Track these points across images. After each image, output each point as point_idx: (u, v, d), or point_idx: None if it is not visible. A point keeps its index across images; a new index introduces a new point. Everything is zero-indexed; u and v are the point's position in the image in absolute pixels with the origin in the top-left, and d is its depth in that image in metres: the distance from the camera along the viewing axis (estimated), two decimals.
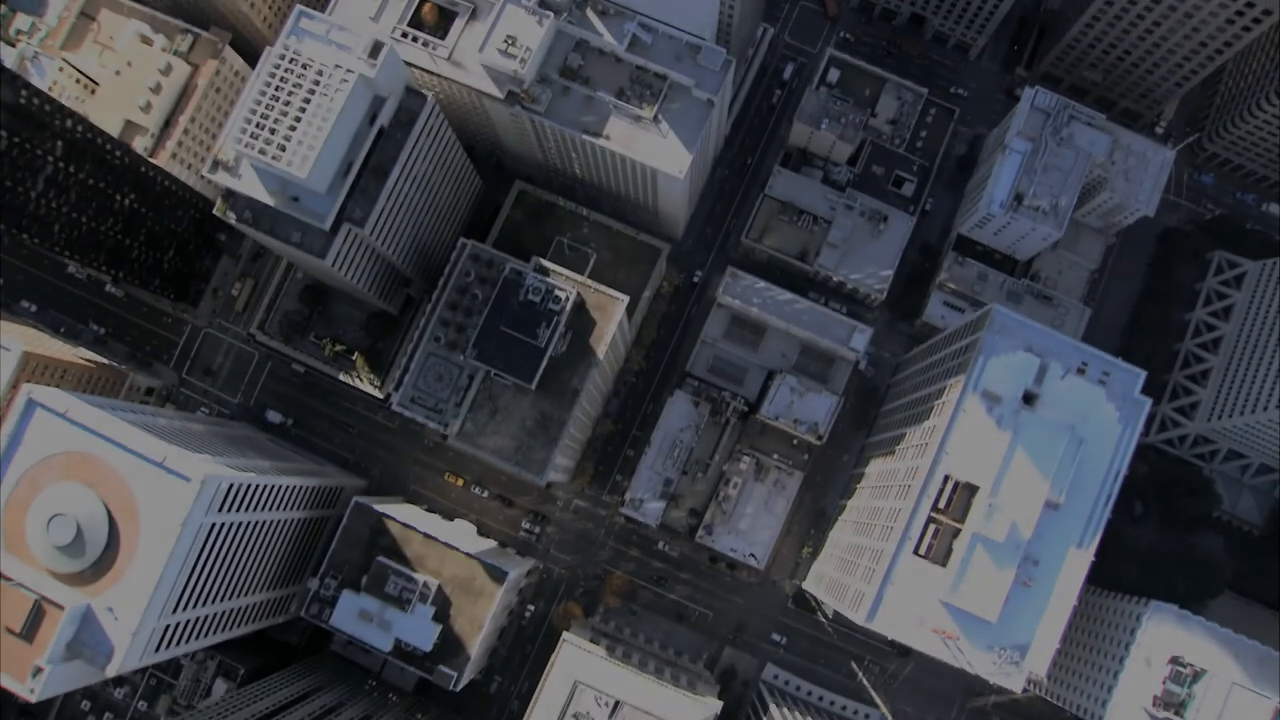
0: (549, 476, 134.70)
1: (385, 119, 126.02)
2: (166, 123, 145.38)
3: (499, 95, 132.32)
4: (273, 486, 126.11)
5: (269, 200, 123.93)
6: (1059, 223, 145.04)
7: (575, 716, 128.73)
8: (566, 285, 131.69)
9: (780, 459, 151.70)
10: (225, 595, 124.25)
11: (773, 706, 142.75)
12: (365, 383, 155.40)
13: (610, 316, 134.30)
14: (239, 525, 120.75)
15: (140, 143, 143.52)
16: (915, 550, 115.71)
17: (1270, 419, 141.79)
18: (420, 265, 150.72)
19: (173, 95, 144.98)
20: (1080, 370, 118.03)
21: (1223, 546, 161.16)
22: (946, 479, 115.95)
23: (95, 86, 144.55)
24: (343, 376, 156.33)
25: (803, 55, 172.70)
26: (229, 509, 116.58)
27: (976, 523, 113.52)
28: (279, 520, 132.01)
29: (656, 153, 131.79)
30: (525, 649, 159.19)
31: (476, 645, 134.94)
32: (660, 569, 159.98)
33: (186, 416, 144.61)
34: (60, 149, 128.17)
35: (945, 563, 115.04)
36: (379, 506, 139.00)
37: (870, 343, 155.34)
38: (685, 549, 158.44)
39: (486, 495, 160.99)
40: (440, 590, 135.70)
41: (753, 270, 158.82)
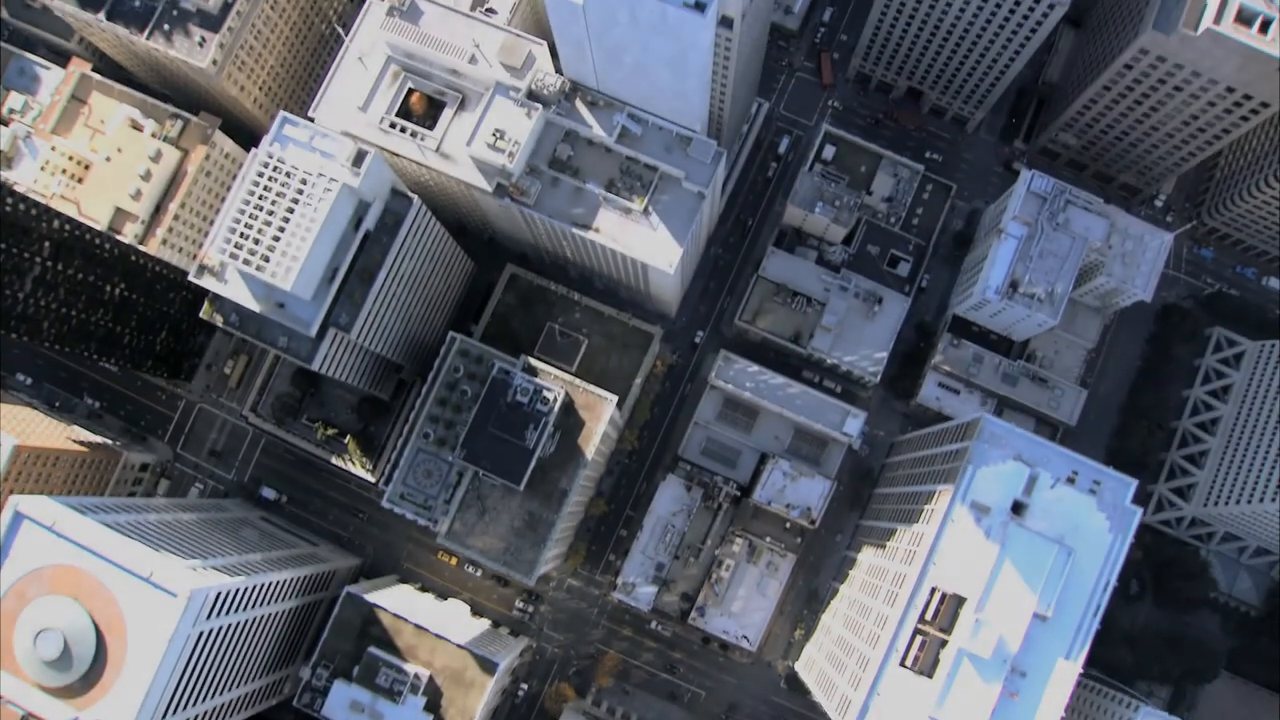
0: (537, 576, 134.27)
1: (370, 223, 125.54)
2: (157, 209, 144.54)
3: (487, 189, 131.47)
4: (262, 585, 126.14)
5: (255, 306, 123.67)
6: (1054, 310, 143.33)
7: None
8: (554, 385, 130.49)
9: (773, 541, 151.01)
10: (216, 691, 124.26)
11: None
12: (358, 466, 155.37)
13: (599, 416, 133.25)
14: (229, 626, 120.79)
15: (131, 230, 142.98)
16: (902, 662, 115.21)
17: (1267, 510, 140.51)
18: (411, 352, 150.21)
19: (163, 182, 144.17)
20: (1070, 479, 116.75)
21: (1219, 627, 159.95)
22: (934, 591, 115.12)
23: (84, 174, 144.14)
24: (335, 460, 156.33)
25: (798, 128, 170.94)
26: (218, 614, 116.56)
27: (963, 638, 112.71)
28: (270, 614, 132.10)
29: (647, 246, 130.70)
30: None
31: None
32: (653, 648, 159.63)
33: (178, 503, 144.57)
34: (47, 249, 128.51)
35: (932, 674, 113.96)
36: (370, 596, 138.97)
37: (865, 424, 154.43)
38: (678, 629, 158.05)
39: (480, 574, 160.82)
40: (432, 681, 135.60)
41: (747, 350, 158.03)
